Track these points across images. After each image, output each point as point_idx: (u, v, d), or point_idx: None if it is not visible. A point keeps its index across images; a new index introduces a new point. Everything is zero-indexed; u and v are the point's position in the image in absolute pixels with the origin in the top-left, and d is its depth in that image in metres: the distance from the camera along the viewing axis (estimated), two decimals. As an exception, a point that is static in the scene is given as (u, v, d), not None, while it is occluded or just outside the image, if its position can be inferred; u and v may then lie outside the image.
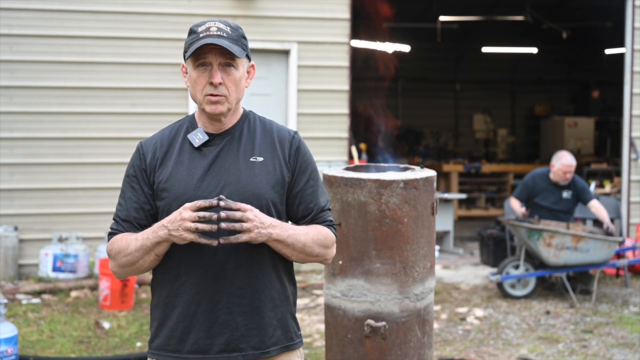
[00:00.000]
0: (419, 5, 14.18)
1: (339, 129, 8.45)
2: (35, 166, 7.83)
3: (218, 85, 2.29)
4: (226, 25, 2.33)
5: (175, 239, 2.19)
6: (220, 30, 2.30)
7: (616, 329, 6.32)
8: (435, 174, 3.92)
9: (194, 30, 2.32)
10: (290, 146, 2.40)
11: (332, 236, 2.42)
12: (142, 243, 2.25)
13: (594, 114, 16.52)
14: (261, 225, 2.21)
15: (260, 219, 2.21)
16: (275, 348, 2.35)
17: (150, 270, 2.37)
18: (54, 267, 7.38)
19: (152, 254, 2.26)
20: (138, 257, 2.27)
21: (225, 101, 2.31)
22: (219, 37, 2.28)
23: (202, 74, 2.30)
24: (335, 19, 8.39)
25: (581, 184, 7.51)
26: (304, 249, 2.33)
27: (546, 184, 7.47)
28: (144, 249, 2.25)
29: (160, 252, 2.27)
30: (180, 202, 2.27)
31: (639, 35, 9.10)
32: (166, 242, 2.23)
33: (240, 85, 2.35)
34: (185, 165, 2.33)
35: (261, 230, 2.20)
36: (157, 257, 2.28)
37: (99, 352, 5.55)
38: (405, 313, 3.76)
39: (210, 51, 2.28)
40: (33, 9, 7.81)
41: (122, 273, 2.35)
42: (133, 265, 2.30)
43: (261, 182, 2.32)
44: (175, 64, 8.01)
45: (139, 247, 2.26)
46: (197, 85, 2.32)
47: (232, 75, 2.31)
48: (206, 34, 2.29)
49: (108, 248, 2.35)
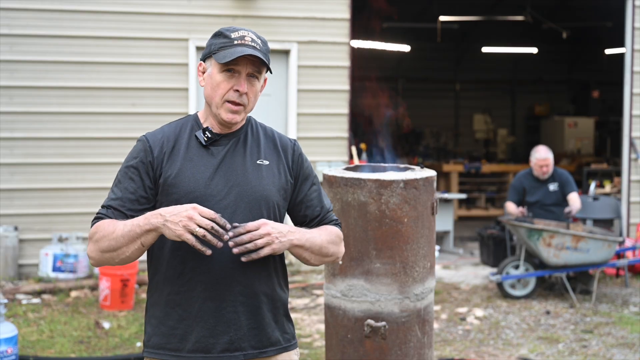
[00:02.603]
0: (419, 5, 14.18)
1: (339, 129, 8.45)
2: (35, 166, 7.83)
3: (243, 94, 2.31)
4: (257, 37, 2.35)
5: (168, 231, 2.14)
6: (254, 42, 2.32)
7: (616, 329, 6.32)
8: (435, 174, 3.92)
9: (226, 35, 2.32)
10: (293, 153, 2.45)
11: (340, 233, 2.49)
12: (130, 229, 2.19)
13: (594, 114, 16.52)
14: (280, 234, 2.23)
15: (278, 229, 2.24)
16: (273, 349, 2.37)
17: (129, 263, 2.30)
18: (54, 267, 7.38)
19: (139, 242, 2.20)
20: (122, 244, 2.21)
21: (243, 111, 2.34)
22: (254, 49, 2.29)
23: (227, 80, 2.31)
24: (335, 19, 8.39)
25: (565, 176, 7.63)
26: (321, 250, 2.38)
27: (531, 181, 7.60)
28: (131, 235, 2.19)
29: (147, 242, 2.21)
30: (189, 199, 2.26)
31: (639, 35, 9.10)
32: (156, 232, 2.17)
33: (258, 96, 2.39)
34: (194, 162, 2.32)
35: (281, 240, 2.24)
36: (142, 247, 2.21)
37: (99, 352, 5.55)
38: (405, 313, 3.76)
39: (243, 60, 2.29)
40: (33, 9, 7.81)
41: (99, 259, 2.27)
42: (114, 252, 2.22)
43: (268, 185, 2.35)
44: (175, 64, 8.01)
45: (126, 233, 2.20)
46: (218, 89, 2.32)
47: (254, 87, 2.35)
48: (241, 42, 2.29)
49: (92, 232, 2.27)
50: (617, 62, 10.20)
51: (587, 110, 16.98)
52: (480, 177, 13.86)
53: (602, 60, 16.19)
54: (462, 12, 14.11)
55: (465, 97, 17.41)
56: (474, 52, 16.56)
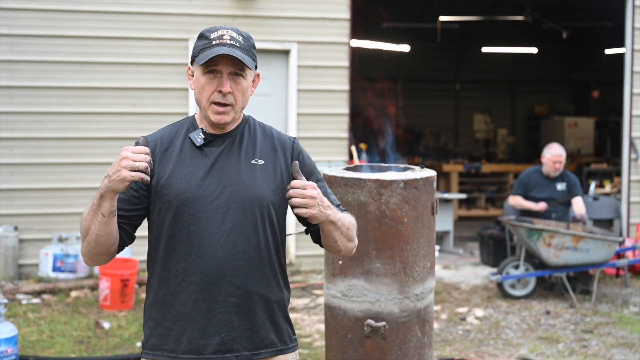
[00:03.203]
0: (419, 5, 14.18)
1: (339, 129, 8.45)
2: (35, 166, 7.83)
3: (227, 94, 2.30)
4: (238, 34, 2.33)
5: (114, 184, 2.12)
6: (234, 40, 2.30)
7: (616, 329, 6.32)
8: (435, 174, 3.92)
9: (206, 36, 2.31)
10: (292, 151, 2.42)
11: (355, 222, 2.48)
12: (90, 206, 2.20)
13: (594, 114, 16.52)
14: (322, 204, 2.24)
15: (321, 198, 2.24)
16: (268, 350, 2.35)
17: (106, 246, 2.26)
18: (54, 267, 7.38)
19: (99, 214, 2.18)
20: (89, 222, 2.21)
21: (231, 111, 2.32)
22: (232, 47, 2.28)
23: (210, 81, 2.30)
24: (335, 19, 8.39)
25: (573, 178, 7.68)
26: (348, 232, 2.39)
27: (540, 179, 7.62)
28: (93, 210, 2.19)
29: (105, 211, 2.18)
30: (180, 200, 2.27)
31: (639, 35, 9.09)
32: (108, 194, 2.15)
33: (247, 94, 2.36)
34: (187, 164, 2.32)
35: (321, 210, 2.23)
36: (103, 217, 2.19)
37: (99, 352, 5.55)
38: (405, 313, 3.76)
39: (222, 59, 2.28)
40: (33, 9, 7.80)
41: (86, 252, 2.27)
42: (88, 235, 2.22)
43: (262, 185, 2.33)
44: (175, 64, 8.00)
45: (89, 211, 2.20)
46: (204, 92, 2.32)
47: (240, 85, 2.32)
48: (219, 41, 2.28)
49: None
50: (617, 62, 10.20)
51: (587, 110, 16.98)
52: (480, 177, 13.86)
53: (602, 60, 16.18)
54: (462, 12, 14.11)
55: (465, 97, 17.41)
56: (474, 52, 16.56)
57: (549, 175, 7.58)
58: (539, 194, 7.56)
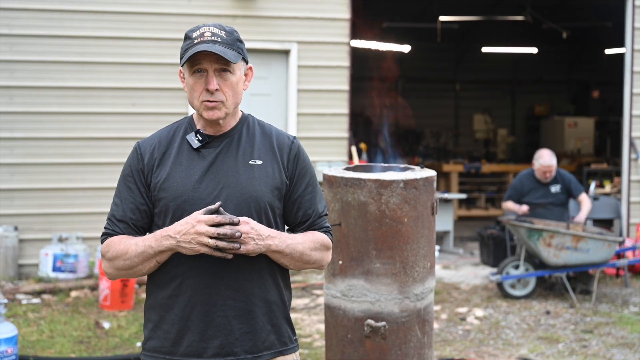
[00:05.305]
0: (419, 5, 14.18)
1: (339, 129, 8.45)
2: (35, 166, 7.83)
3: (214, 91, 2.27)
4: (220, 29, 2.30)
5: (185, 250, 2.19)
6: (215, 35, 2.27)
7: (616, 329, 6.32)
8: (435, 174, 3.91)
9: (189, 36, 2.30)
10: (290, 151, 2.39)
11: (328, 242, 2.43)
12: (143, 250, 2.24)
13: (594, 114, 16.52)
14: (258, 237, 2.21)
15: (258, 231, 2.21)
16: (268, 352, 2.33)
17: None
18: (54, 267, 7.38)
19: (154, 261, 2.25)
20: (137, 263, 2.26)
21: (223, 107, 2.30)
22: (213, 43, 2.25)
23: (198, 81, 2.29)
24: (335, 19, 8.39)
25: (568, 177, 7.67)
26: (302, 257, 2.34)
27: (533, 183, 7.63)
28: (145, 255, 2.24)
29: (163, 260, 2.26)
30: (178, 203, 2.27)
31: (639, 35, 9.09)
32: (171, 251, 2.22)
33: (238, 89, 2.33)
34: (183, 166, 2.31)
35: (258, 242, 2.21)
36: (158, 264, 2.27)
37: (99, 352, 5.55)
38: (405, 313, 3.76)
39: (205, 57, 2.26)
40: (33, 9, 7.81)
41: (116, 275, 2.34)
42: (131, 270, 2.29)
43: (260, 185, 2.31)
44: (176, 64, 7.99)
45: (139, 253, 2.24)
46: (194, 92, 2.30)
47: (228, 81, 2.29)
48: (200, 39, 2.26)
49: (103, 249, 2.32)
50: (617, 62, 10.20)
51: (587, 110, 16.98)
52: (480, 177, 13.86)
53: (602, 60, 16.18)
54: (462, 12, 14.11)
55: (465, 97, 17.41)
56: (474, 52, 16.56)
57: (541, 181, 7.59)
58: (533, 197, 7.57)
